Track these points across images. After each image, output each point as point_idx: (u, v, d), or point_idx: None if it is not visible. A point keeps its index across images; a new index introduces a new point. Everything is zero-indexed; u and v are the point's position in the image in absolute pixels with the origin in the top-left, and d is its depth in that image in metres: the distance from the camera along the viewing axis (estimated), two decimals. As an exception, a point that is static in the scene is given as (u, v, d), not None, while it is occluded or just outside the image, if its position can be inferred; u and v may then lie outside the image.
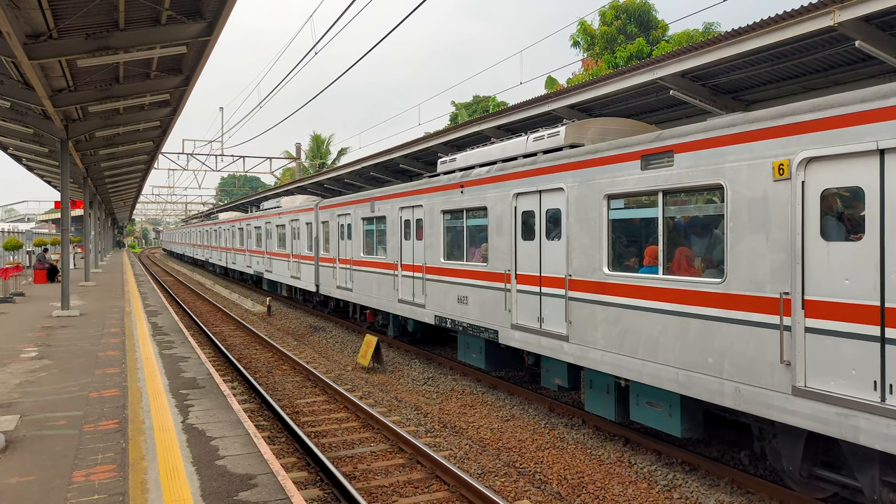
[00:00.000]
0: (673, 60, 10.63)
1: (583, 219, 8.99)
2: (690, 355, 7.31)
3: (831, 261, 5.92)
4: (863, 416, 5.63)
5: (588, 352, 8.94)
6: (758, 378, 6.55)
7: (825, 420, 5.93)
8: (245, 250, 33.28)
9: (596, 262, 8.76)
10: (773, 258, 6.42)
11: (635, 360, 8.11)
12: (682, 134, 7.50)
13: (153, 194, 74.70)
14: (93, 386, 9.32)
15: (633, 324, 8.14)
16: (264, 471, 6.11)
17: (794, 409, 6.20)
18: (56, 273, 29.16)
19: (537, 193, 10.04)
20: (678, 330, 7.48)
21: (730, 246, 6.88)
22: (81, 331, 14.51)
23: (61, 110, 15.59)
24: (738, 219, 6.78)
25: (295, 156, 46.20)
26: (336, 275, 19.47)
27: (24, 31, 10.65)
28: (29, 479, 5.86)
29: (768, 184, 6.45)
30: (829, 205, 6.03)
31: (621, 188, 8.31)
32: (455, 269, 12.48)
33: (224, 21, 10.96)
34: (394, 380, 13.43)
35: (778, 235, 6.37)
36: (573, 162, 9.24)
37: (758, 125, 6.61)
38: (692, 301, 7.31)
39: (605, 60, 34.12)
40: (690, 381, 7.31)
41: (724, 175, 6.92)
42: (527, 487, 7.76)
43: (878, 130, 5.51)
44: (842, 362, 5.84)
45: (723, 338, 6.93)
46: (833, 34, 8.69)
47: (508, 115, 15.09)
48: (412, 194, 14.30)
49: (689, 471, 8.13)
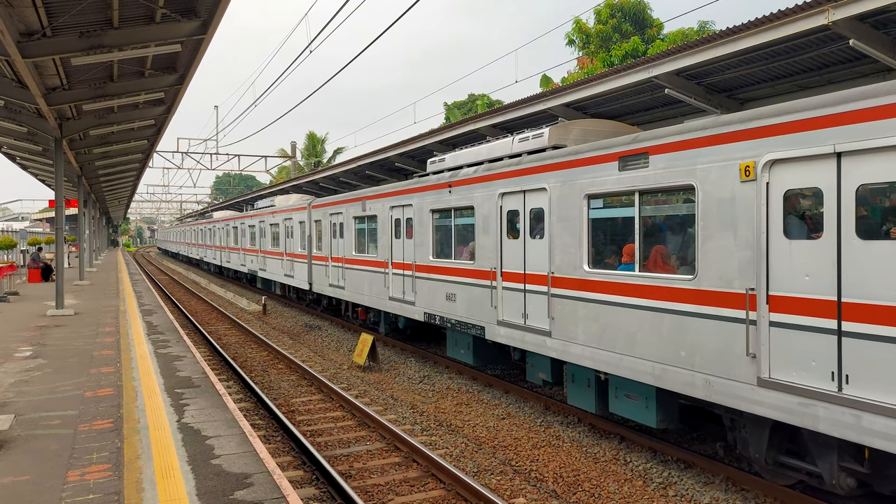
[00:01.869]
0: (668, 59, 10.65)
1: (564, 218, 9.29)
2: (665, 349, 7.61)
3: (793, 258, 6.24)
4: (822, 405, 5.93)
5: (570, 346, 9.23)
6: (726, 370, 6.84)
7: (788, 409, 6.22)
8: (239, 249, 33.43)
9: (577, 260, 9.07)
10: (740, 256, 6.73)
11: (614, 355, 8.41)
12: (657, 136, 7.77)
13: (148, 193, 74.63)
14: (87, 385, 9.30)
15: (612, 319, 8.43)
16: (260, 470, 6.11)
17: (759, 399, 6.50)
18: (50, 272, 29.05)
19: (522, 193, 10.32)
20: (653, 325, 7.79)
21: (700, 244, 7.18)
22: (76, 330, 14.47)
23: (55, 109, 15.52)
24: (708, 218, 7.09)
25: (290, 154, 46.12)
26: (328, 273, 19.68)
27: (18, 30, 10.60)
28: (23, 478, 5.85)
29: (736, 185, 6.76)
30: (792, 205, 6.34)
31: (600, 188, 8.62)
32: (444, 266, 12.76)
33: (219, 19, 10.92)
34: (389, 378, 13.43)
35: (744, 234, 6.68)
36: (555, 163, 9.53)
37: (727, 128, 6.89)
38: (666, 297, 7.62)
39: (601, 59, 34.15)
40: (665, 373, 7.62)
41: (696, 176, 7.21)
42: (522, 485, 7.77)
43: (835, 135, 5.84)
44: (802, 354, 6.15)
45: (694, 332, 7.23)
46: (827, 33, 8.72)
47: (503, 114, 15.09)
48: (402, 193, 14.52)
49: (684, 468, 8.16)
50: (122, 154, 26.39)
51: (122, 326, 15.02)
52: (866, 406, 5.60)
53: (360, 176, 26.00)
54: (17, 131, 18.75)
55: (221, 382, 11.01)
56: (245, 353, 16.14)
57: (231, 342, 17.82)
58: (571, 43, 38.23)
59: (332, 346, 17.25)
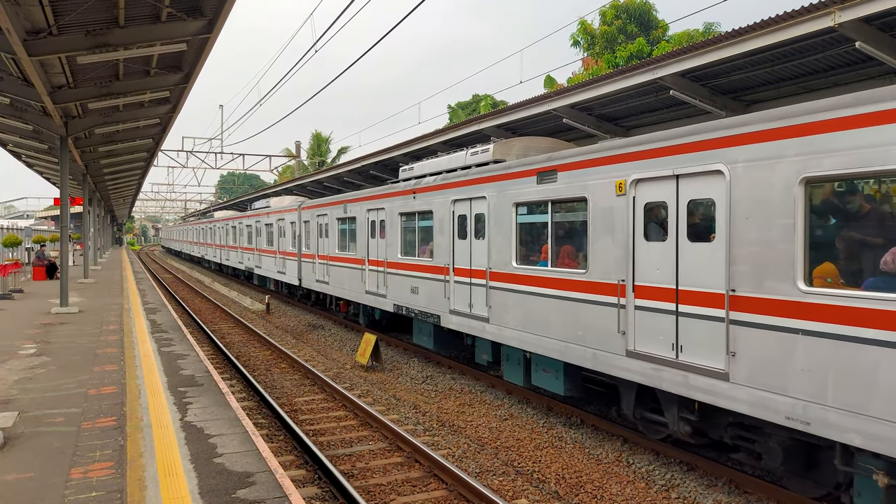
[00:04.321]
0: (673, 60, 10.62)
1: (499, 222, 11.02)
2: (568, 330, 9.34)
3: (650, 256, 7.95)
4: (666, 370, 7.64)
5: (503, 331, 10.94)
6: (606, 345, 8.60)
7: (646, 374, 7.95)
8: (237, 247, 34.93)
9: (508, 257, 10.81)
10: (616, 254, 8.48)
11: (534, 336, 10.11)
12: (563, 157, 9.56)
13: (153, 192, 74.71)
14: (91, 383, 9.32)
15: (533, 307, 10.14)
16: (262, 468, 6.12)
17: (627, 367, 8.25)
18: (55, 270, 29.15)
19: (469, 200, 12.00)
20: (560, 310, 9.52)
21: (590, 244, 8.94)
22: (80, 328, 14.51)
23: (61, 107, 15.57)
24: (595, 224, 8.86)
25: (295, 153, 46.16)
26: (315, 269, 21.40)
27: (24, 28, 10.64)
28: (27, 475, 5.87)
29: (613, 198, 8.52)
30: (651, 215, 8.01)
31: (525, 198, 10.37)
32: (409, 263, 14.48)
33: (224, 18, 10.94)
34: (392, 378, 13.44)
35: (619, 237, 8.43)
36: (494, 175, 11.24)
37: (609, 153, 8.67)
38: (568, 287, 9.39)
39: (606, 60, 34.10)
40: (568, 350, 9.35)
41: (588, 190, 8.98)
42: (525, 486, 7.76)
43: (674, 161, 7.62)
44: (655, 330, 7.84)
45: (586, 315, 8.98)
46: (833, 35, 8.68)
47: (509, 114, 15.08)
48: (377, 198, 16.23)
49: (687, 470, 8.14)
50: (127, 152, 26.47)
51: (126, 324, 15.06)
52: (692, 368, 7.26)
53: (364, 175, 26.02)
54: (23, 129, 18.81)
55: (224, 381, 11.01)
56: (248, 352, 16.17)
57: (234, 341, 17.85)
58: (576, 44, 38.19)
59: (335, 346, 17.26)
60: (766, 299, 6.52)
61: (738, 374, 6.77)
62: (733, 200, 6.85)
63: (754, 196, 6.64)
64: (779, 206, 6.39)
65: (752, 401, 6.63)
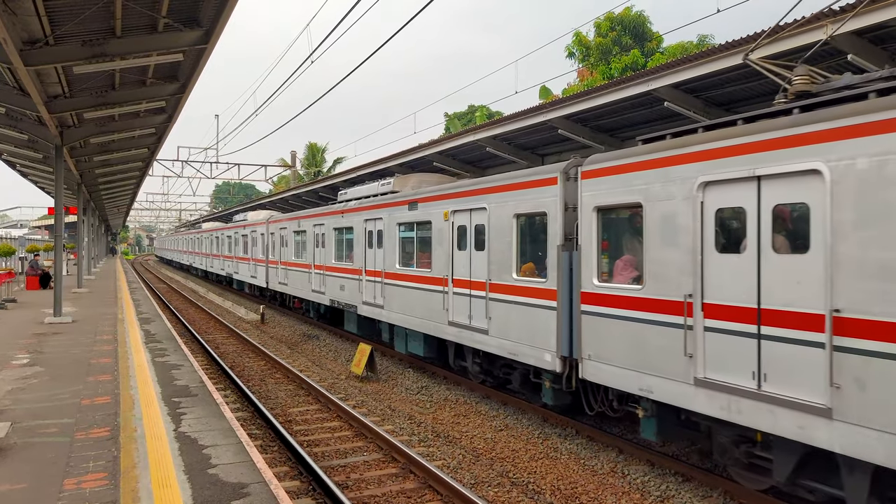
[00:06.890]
0: (667, 72, 10.71)
1: (390, 236, 15.06)
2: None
3: (461, 259, 11.96)
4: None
5: (392, 315, 15.42)
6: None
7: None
8: (220, 255, 39.24)
9: (396, 264, 14.74)
10: (444, 259, 12.44)
11: (401, 315, 14.47)
12: (421, 193, 13.59)
13: (147, 201, 74.45)
14: (85, 393, 9.27)
15: (406, 297, 14.23)
16: (257, 479, 6.09)
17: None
18: (49, 279, 29.00)
19: (374, 220, 15.97)
20: (421, 297, 13.59)
21: (433, 252, 12.85)
22: (74, 338, 14.44)
23: (56, 116, 15.56)
24: (435, 238, 12.82)
25: (290, 163, 46.18)
26: (278, 274, 25.56)
27: (21, 38, 10.65)
28: (20, 486, 5.83)
29: (443, 222, 12.56)
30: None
31: (403, 220, 14.41)
32: (340, 267, 18.48)
33: (221, 29, 10.97)
34: (387, 389, 13.40)
35: (447, 248, 12.37)
36: (387, 202, 15.30)
37: (441, 191, 12.70)
38: (423, 281, 13.34)
39: (600, 71, 34.31)
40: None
41: (432, 216, 12.99)
42: (520, 497, 7.75)
43: (485, 199, 11.14)
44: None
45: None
46: (826, 47, 8.78)
47: (504, 125, 15.16)
48: (319, 216, 20.37)
49: (682, 482, 8.14)
50: (122, 162, 26.43)
51: (120, 335, 14.99)
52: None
53: (335, 191, 26.54)
54: (18, 139, 18.79)
55: (219, 392, 10.96)
56: (243, 363, 16.11)
57: (229, 351, 17.78)
58: (571, 55, 38.43)
59: (329, 356, 17.22)
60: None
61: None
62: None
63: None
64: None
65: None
